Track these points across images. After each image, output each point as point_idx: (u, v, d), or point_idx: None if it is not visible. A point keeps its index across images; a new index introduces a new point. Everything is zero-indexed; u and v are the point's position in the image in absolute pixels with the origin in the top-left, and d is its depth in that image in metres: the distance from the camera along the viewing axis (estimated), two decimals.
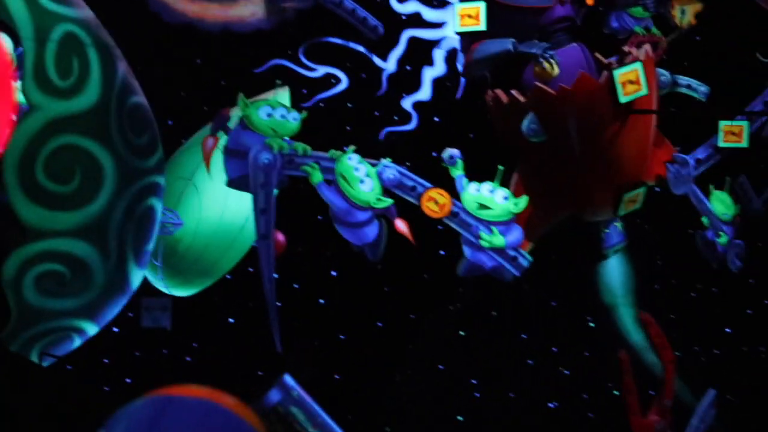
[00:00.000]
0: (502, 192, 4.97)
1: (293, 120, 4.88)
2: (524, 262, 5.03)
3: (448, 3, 6.47)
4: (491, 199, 4.95)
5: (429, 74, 6.89)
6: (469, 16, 5.34)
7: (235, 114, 4.91)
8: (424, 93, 6.85)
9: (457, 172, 5.04)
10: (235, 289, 5.90)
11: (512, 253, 5.00)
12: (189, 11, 5.23)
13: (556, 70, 5.12)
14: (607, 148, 5.32)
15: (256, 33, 5.92)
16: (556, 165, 5.38)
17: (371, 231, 4.93)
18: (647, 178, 5.53)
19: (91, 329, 4.81)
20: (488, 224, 4.93)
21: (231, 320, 6.03)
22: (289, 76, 6.19)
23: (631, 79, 5.11)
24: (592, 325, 6.36)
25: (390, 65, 6.92)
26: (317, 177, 4.81)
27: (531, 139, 5.21)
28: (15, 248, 4.34)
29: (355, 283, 6.35)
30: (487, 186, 4.97)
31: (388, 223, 4.97)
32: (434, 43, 6.57)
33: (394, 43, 6.66)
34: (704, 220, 5.48)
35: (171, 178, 5.30)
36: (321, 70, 6.45)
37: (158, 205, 5.02)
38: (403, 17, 6.76)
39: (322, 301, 6.31)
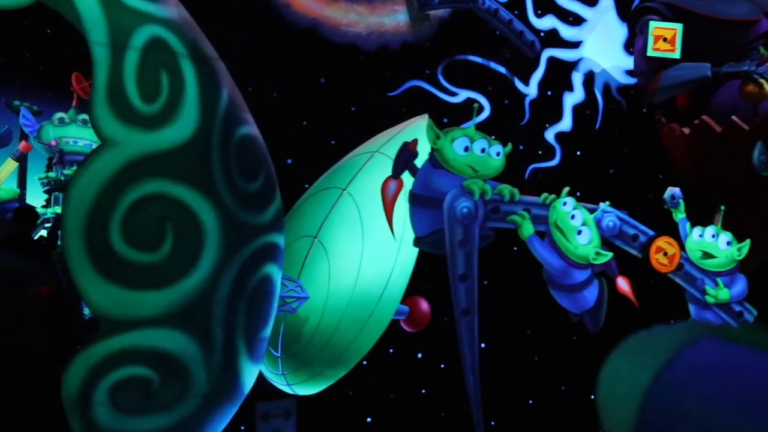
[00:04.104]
0: (725, 236, 4.28)
1: (496, 155, 3.70)
2: (749, 317, 4.35)
3: (584, 20, 5.85)
4: (715, 245, 4.26)
5: (569, 101, 5.98)
6: (664, 39, 4.82)
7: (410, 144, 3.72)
8: (566, 123, 5.92)
9: (680, 215, 4.36)
10: (373, 379, 4.36)
11: (737, 308, 4.33)
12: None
13: None
14: None
15: (385, 47, 4.58)
16: None
17: (591, 294, 3.99)
18: None
19: None
20: (713, 275, 4.26)
21: (369, 419, 4.45)
22: (427, 100, 4.96)
23: None
24: None
25: (532, 90, 5.89)
26: (528, 229, 3.73)
27: (763, 172, 4.67)
28: (79, 351, 2.85)
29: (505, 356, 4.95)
30: (710, 230, 4.28)
31: (608, 281, 4.09)
32: (572, 66, 5.85)
33: (534, 64, 5.69)
34: None
35: (291, 237, 3.83)
36: (462, 95, 5.36)
37: (277, 273, 3.49)
38: (542, 34, 5.70)
39: None
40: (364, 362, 4.17)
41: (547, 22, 5.77)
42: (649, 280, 4.41)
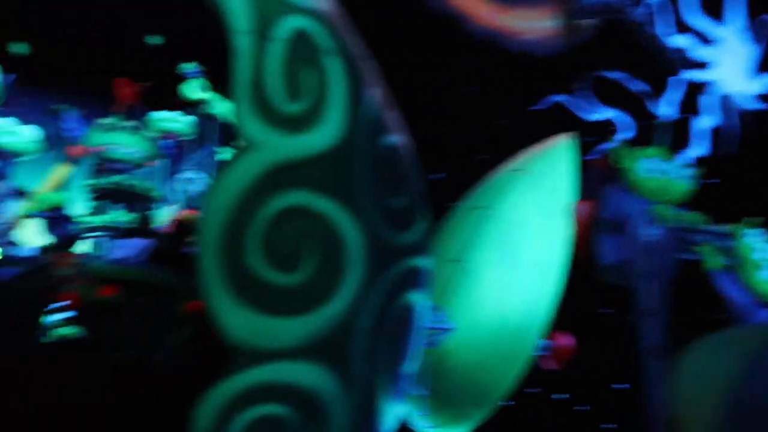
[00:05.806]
0: None
1: (684, 179, 3.53)
2: None
3: (713, 40, 5.33)
4: None
5: (702, 124, 5.20)
6: None
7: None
8: (701, 147, 5.25)
9: None
10: (516, 421, 3.76)
11: None
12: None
13: None
14: None
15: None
16: None
17: None
18: None
19: None
20: None
21: None
22: (567, 118, 4.42)
23: None
24: None
25: (671, 110, 5.30)
26: (715, 261, 3.43)
27: None
28: (214, 383, 2.41)
29: None
30: None
31: None
32: (705, 87, 5.28)
33: (671, 83, 5.08)
34: None
35: (436, 260, 3.31)
36: (603, 114, 4.82)
37: (421, 301, 2.97)
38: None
39: None
40: (510, 402, 3.58)
41: (680, 41, 5.21)
42: None
